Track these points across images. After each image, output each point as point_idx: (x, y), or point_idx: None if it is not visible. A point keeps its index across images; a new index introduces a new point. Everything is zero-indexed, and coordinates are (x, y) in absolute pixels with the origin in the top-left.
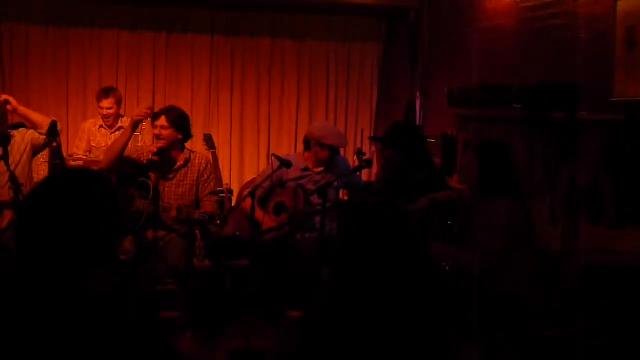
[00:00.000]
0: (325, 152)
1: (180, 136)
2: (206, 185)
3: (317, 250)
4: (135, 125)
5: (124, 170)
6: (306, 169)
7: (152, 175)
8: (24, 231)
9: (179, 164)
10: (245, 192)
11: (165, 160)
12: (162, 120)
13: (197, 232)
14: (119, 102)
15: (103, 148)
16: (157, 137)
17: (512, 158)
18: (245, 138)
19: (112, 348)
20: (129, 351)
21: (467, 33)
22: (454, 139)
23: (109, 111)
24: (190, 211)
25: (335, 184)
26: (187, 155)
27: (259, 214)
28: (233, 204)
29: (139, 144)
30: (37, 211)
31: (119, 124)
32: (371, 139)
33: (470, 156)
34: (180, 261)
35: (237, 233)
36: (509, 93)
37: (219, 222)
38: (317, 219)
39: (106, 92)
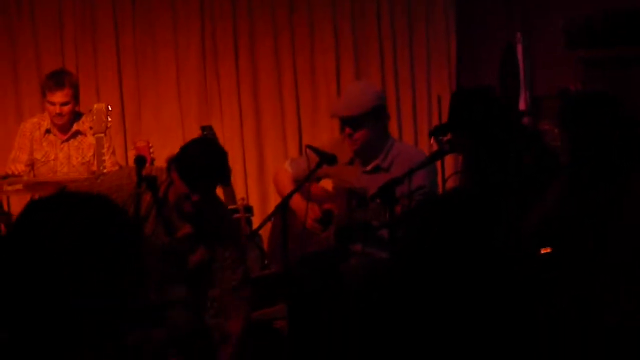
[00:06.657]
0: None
1: None
2: (230, 270)
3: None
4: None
5: None
6: (351, 161)
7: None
8: None
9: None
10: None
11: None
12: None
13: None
14: (75, 93)
15: (52, 163)
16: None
17: None
18: (264, 128)
19: None
20: None
21: None
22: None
23: (65, 108)
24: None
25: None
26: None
27: (299, 204)
28: (254, 227)
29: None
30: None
31: (75, 128)
32: (432, 133)
33: None
34: (185, 321)
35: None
36: None
37: None
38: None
39: (58, 80)
